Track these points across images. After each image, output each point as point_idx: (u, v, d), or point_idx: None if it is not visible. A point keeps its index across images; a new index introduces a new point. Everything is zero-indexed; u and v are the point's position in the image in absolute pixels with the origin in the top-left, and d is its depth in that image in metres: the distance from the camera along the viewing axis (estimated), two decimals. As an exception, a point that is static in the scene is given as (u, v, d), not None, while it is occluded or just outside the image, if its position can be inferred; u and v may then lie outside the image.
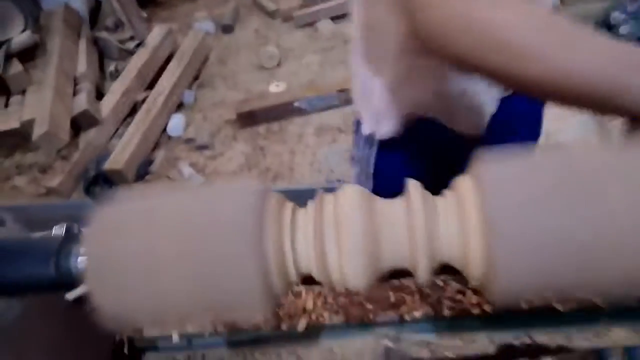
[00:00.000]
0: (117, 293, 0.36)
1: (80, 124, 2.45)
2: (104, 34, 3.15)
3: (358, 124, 0.98)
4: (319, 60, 3.10)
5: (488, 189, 0.33)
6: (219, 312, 0.36)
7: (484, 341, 0.79)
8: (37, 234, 0.44)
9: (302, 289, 0.76)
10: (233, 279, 0.34)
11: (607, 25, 2.71)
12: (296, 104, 2.61)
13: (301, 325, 0.72)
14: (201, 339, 0.79)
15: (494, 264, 0.32)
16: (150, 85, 2.80)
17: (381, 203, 0.37)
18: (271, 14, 3.66)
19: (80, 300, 0.71)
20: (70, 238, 0.40)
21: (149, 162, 2.47)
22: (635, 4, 2.60)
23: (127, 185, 2.29)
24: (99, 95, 2.71)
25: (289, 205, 0.38)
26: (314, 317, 0.73)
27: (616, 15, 2.66)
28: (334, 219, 0.35)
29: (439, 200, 0.36)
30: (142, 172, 2.39)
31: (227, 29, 3.57)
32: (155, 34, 3.03)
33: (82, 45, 2.94)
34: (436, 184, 0.41)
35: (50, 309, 0.62)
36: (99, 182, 2.27)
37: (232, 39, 3.49)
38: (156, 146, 2.59)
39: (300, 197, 0.40)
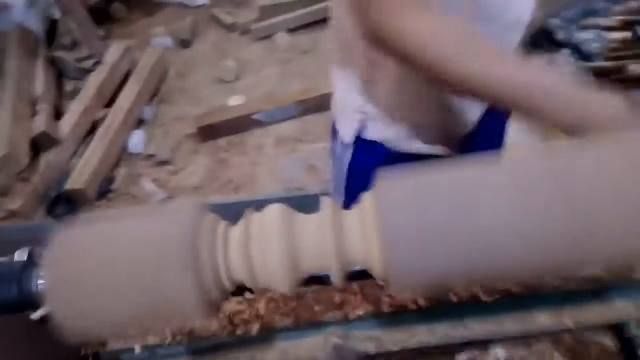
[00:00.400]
0: (76, 311, 0.41)
1: (39, 145, 2.44)
2: (61, 54, 3.14)
3: (335, 130, 1.05)
4: (277, 73, 3.16)
5: (384, 204, 0.40)
6: (167, 321, 0.42)
7: (425, 333, 0.86)
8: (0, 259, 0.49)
9: (255, 296, 0.81)
10: (176, 291, 0.40)
11: (545, 32, 2.87)
12: (255, 117, 2.67)
13: (255, 329, 0.77)
14: (162, 349, 0.84)
15: (390, 267, 0.39)
16: (110, 103, 2.81)
17: (300, 219, 0.43)
18: (229, 28, 3.70)
19: (45, 320, 0.75)
20: (32, 262, 0.45)
21: (110, 180, 2.48)
22: (570, 11, 2.77)
23: (89, 204, 2.30)
24: (58, 115, 2.71)
25: (223, 224, 0.44)
26: (267, 321, 0.79)
27: (553, 22, 2.82)
28: (260, 234, 0.42)
29: (346, 215, 0.43)
30: (104, 190, 2.41)
31: (185, 43, 3.60)
32: (114, 52, 3.04)
33: (40, 65, 2.93)
34: None
35: (16, 329, 0.67)
36: (61, 202, 2.28)
37: (190, 53, 3.52)
38: (117, 164, 2.60)
39: (263, 207, 0.46)
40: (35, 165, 2.41)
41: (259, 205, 0.47)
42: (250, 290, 0.45)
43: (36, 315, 0.68)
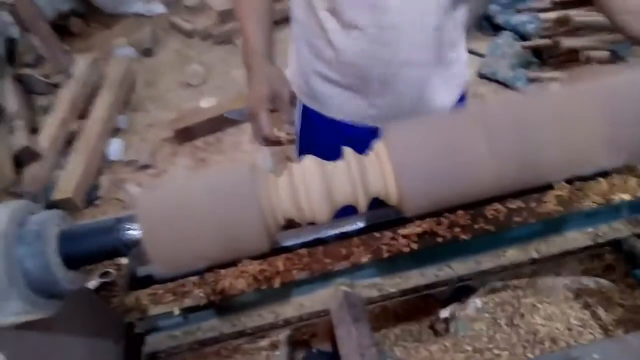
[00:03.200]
0: (168, 248, 0.52)
1: (22, 160, 2.47)
2: (26, 71, 3.13)
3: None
4: (243, 73, 3.24)
5: (394, 148, 0.53)
6: (236, 250, 0.54)
7: (417, 276, 0.99)
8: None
9: (274, 257, 0.93)
10: (242, 222, 0.52)
11: (486, 17, 3.08)
12: (227, 115, 2.76)
13: (277, 283, 0.89)
14: (195, 314, 0.94)
15: (402, 193, 0.52)
16: (83, 115, 2.84)
17: (329, 165, 0.56)
18: (189, 34, 3.76)
19: (99, 289, 0.85)
20: (119, 220, 0.56)
21: (95, 187, 2.53)
22: (507, -3, 2.98)
23: (77, 212, 2.34)
24: (33, 130, 2.73)
25: (271, 175, 0.56)
26: (286, 276, 0.90)
27: (492, 8, 3.02)
28: (302, 178, 0.54)
29: (366, 158, 0.56)
30: (91, 197, 2.46)
31: (148, 52, 3.63)
32: (80, 65, 3.06)
33: (7, 84, 2.92)
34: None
35: (79, 298, 0.76)
36: (50, 212, 2.31)
37: (154, 61, 3.56)
38: (100, 171, 2.65)
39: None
40: (19, 179, 2.43)
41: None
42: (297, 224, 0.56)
43: (92, 284, 0.78)
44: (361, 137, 0.64)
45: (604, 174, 0.95)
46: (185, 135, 2.74)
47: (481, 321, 1.40)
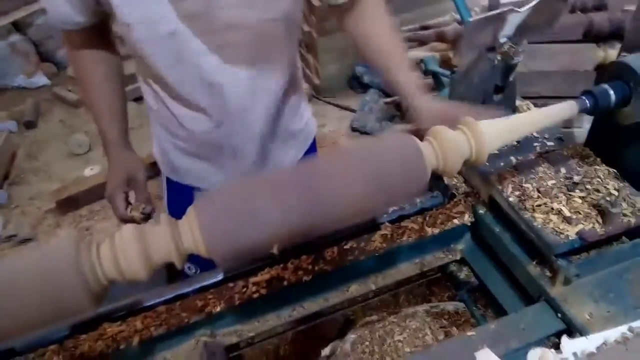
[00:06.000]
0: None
1: None
2: None
3: None
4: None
5: (200, 212, 0.62)
6: (61, 310, 0.58)
7: (274, 318, 1.07)
8: None
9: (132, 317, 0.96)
10: (65, 286, 0.57)
11: (355, 78, 3.37)
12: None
13: (135, 342, 0.93)
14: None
15: (209, 249, 0.61)
16: (-43, 193, 2.67)
17: (147, 229, 0.63)
18: (74, 104, 3.69)
19: None
20: None
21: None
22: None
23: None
24: None
25: (95, 241, 0.62)
26: (145, 334, 0.94)
27: (360, 69, 3.32)
28: (120, 242, 0.61)
29: (179, 222, 0.64)
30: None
31: (30, 124, 3.51)
32: (-47, 142, 2.90)
33: None
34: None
35: None
36: None
37: (37, 133, 3.44)
38: (-23, 249, 2.48)
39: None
40: None
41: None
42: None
43: None
44: None
45: (421, 212, 1.11)
46: (69, 205, 2.66)
47: (355, 352, 1.50)
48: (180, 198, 1.31)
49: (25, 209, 2.78)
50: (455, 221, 1.07)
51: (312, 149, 1.39)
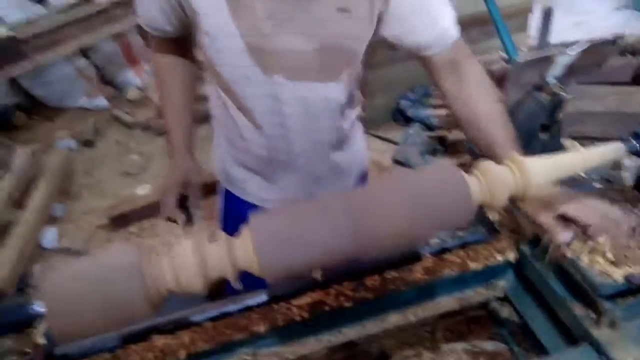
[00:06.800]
0: (64, 317, 0.61)
1: (-48, 251, 2.42)
2: (-36, 163, 3.11)
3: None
4: (179, 162, 3.36)
5: (255, 231, 0.66)
6: (122, 316, 0.63)
7: (313, 342, 1.09)
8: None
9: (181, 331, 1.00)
10: (127, 295, 0.61)
11: (399, 111, 3.41)
12: (163, 202, 2.83)
13: (182, 355, 0.96)
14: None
15: (262, 266, 0.65)
16: (20, 204, 2.84)
17: (205, 245, 0.67)
18: (130, 126, 3.87)
19: None
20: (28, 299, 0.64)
21: (27, 275, 2.50)
22: (414, 94, 3.33)
23: (6, 300, 2.29)
24: (-32, 222, 2.69)
25: (156, 252, 0.67)
26: (191, 348, 0.98)
27: (404, 102, 3.36)
28: (181, 256, 0.65)
29: (235, 240, 0.68)
30: (22, 285, 2.41)
31: (88, 143, 3.70)
32: (20, 157, 3.08)
33: (-56, 177, 2.90)
34: None
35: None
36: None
37: (95, 152, 3.63)
38: (33, 260, 2.62)
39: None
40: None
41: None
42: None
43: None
44: None
45: (463, 246, 1.11)
46: (121, 221, 2.78)
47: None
48: (234, 208, 1.38)
49: (79, 223, 2.91)
50: (499, 257, 1.07)
51: (363, 178, 1.42)
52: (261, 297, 1.04)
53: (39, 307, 0.62)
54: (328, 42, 1.01)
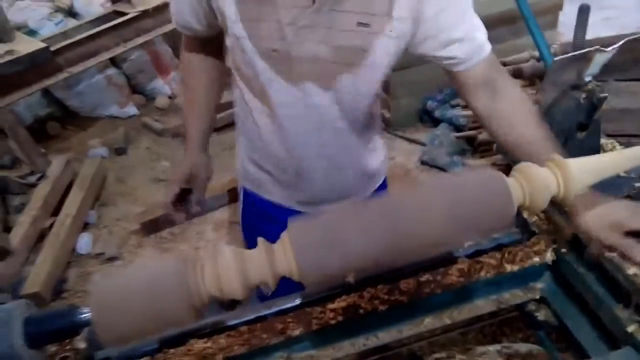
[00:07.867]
0: (114, 328, 0.63)
1: (-8, 257, 2.50)
2: (2, 173, 3.22)
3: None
4: (209, 168, 3.41)
5: (294, 238, 0.67)
6: (167, 320, 0.64)
7: (348, 346, 1.09)
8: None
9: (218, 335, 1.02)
10: (173, 301, 0.63)
11: (426, 111, 3.38)
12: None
13: (219, 359, 0.98)
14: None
15: (301, 272, 0.65)
16: (55, 212, 2.92)
17: (245, 252, 0.68)
18: (160, 133, 3.94)
19: None
20: (75, 306, 0.66)
21: (62, 280, 2.57)
22: (441, 95, 3.30)
23: (44, 305, 2.36)
24: (7, 228, 2.78)
25: (199, 261, 0.68)
26: (228, 351, 0.99)
27: (430, 103, 3.33)
28: (223, 264, 0.66)
29: (274, 246, 0.68)
30: (58, 290, 2.49)
31: (120, 151, 3.77)
32: (55, 165, 3.17)
33: (-18, 186, 3.00)
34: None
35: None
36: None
37: (126, 159, 3.70)
38: (69, 265, 2.69)
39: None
40: (-11, 276, 2.45)
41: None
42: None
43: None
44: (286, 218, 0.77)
45: (499, 248, 1.10)
46: (152, 227, 2.83)
47: (425, 390, 1.46)
48: (253, 208, 1.40)
49: (112, 229, 2.98)
50: (536, 259, 1.05)
51: (382, 186, 1.42)
52: (295, 300, 1.05)
53: (85, 313, 0.64)
54: (347, 52, 1.00)
